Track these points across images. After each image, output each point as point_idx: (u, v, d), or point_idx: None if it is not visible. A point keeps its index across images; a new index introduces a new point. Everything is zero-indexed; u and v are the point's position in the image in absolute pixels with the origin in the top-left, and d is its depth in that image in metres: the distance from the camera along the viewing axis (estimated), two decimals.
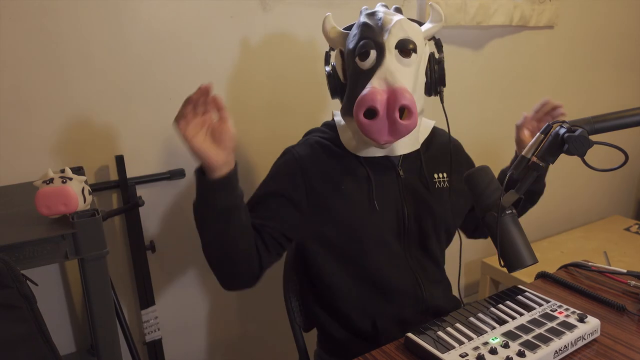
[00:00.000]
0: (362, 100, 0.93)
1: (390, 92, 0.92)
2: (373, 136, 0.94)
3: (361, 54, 0.98)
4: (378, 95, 0.92)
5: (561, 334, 0.84)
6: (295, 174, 1.03)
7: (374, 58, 0.97)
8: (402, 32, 0.98)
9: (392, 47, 0.97)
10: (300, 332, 1.21)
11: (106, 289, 0.94)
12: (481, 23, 1.80)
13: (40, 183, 0.90)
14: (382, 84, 0.94)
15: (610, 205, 2.65)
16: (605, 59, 2.34)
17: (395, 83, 0.93)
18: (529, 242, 0.90)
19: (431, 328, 0.87)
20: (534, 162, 0.88)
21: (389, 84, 0.93)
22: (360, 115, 0.93)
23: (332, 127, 1.11)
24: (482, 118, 1.99)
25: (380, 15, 1.01)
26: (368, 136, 0.95)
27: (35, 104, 1.19)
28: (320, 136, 1.10)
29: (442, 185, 1.11)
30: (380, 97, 0.92)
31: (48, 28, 1.16)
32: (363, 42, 0.98)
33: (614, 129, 0.86)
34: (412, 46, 0.98)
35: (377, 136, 0.94)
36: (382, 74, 0.95)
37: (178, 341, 1.51)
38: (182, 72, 1.34)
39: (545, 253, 2.06)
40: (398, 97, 0.91)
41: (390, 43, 0.97)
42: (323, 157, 1.05)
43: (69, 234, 0.87)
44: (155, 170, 1.36)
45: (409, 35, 0.99)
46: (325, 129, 1.13)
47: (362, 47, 0.98)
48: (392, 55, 0.97)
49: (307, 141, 1.09)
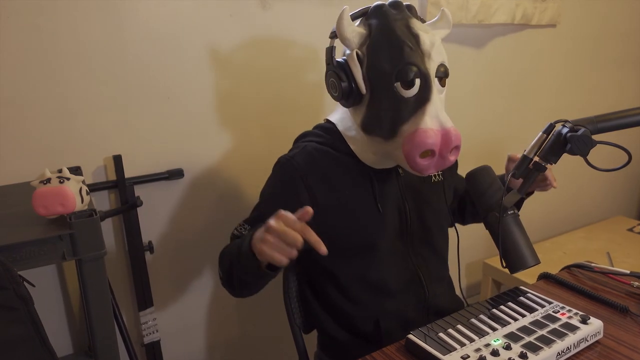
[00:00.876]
0: (422, 143, 0.90)
1: (444, 134, 0.91)
2: (424, 173, 0.95)
3: (406, 82, 0.92)
4: (435, 139, 0.90)
5: (564, 335, 0.84)
6: (298, 186, 1.01)
7: (418, 87, 0.92)
8: (440, 56, 0.95)
9: (434, 76, 0.94)
10: (300, 334, 1.21)
11: (104, 290, 0.94)
12: (483, 21, 1.80)
13: (38, 183, 0.90)
14: (435, 123, 0.91)
15: (614, 206, 2.65)
16: (609, 58, 2.34)
17: (447, 123, 0.92)
18: (531, 243, 0.90)
19: (432, 329, 0.87)
20: (536, 162, 0.88)
21: (441, 124, 0.91)
22: (416, 157, 0.91)
23: (327, 129, 1.09)
24: (483, 118, 1.99)
25: (414, 29, 0.94)
26: (418, 173, 0.95)
27: (32, 103, 1.19)
28: (317, 141, 1.07)
29: (437, 179, 1.13)
30: (437, 140, 0.90)
31: (45, 27, 1.16)
32: (407, 68, 0.91)
33: (617, 129, 0.86)
34: (445, 72, 0.96)
35: (426, 172, 0.95)
36: (433, 111, 0.92)
37: (177, 343, 1.51)
38: (181, 72, 1.34)
39: (547, 254, 2.05)
40: (452, 140, 0.91)
41: (432, 70, 0.93)
42: (323, 163, 1.03)
43: (66, 234, 0.87)
44: (154, 170, 1.36)
45: (444, 59, 0.96)
46: (320, 132, 1.10)
47: (407, 75, 0.91)
48: (435, 86, 0.93)
49: (305, 148, 1.06)
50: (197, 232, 1.47)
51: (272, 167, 1.08)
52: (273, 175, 1.08)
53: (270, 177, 1.08)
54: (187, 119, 1.38)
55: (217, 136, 1.43)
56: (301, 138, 1.12)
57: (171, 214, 1.42)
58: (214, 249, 1.50)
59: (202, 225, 1.47)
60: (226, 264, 0.99)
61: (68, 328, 1.34)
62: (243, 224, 1.07)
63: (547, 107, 2.18)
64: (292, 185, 1.02)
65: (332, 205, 1.02)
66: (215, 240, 1.50)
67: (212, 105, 1.41)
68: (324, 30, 1.52)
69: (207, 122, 1.41)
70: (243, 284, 0.98)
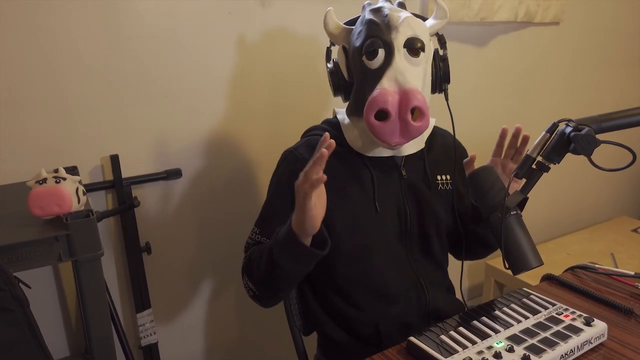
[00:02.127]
0: (373, 102, 0.93)
1: (402, 94, 0.93)
2: (384, 138, 0.95)
3: (369, 53, 0.97)
4: (389, 97, 0.92)
5: (567, 337, 0.84)
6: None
7: (383, 57, 0.97)
8: (410, 30, 0.98)
9: (401, 46, 0.97)
10: (300, 336, 1.21)
11: (101, 291, 0.94)
12: (485, 19, 1.80)
13: (33, 183, 0.90)
14: (393, 84, 0.94)
15: (618, 206, 2.65)
16: (613, 56, 2.34)
17: (407, 84, 0.93)
18: (534, 244, 0.90)
19: (434, 332, 0.87)
20: (539, 162, 0.88)
21: (400, 85, 0.94)
22: (371, 118, 0.93)
23: (333, 124, 1.11)
24: (485, 117, 1.99)
25: (386, 11, 1.00)
26: (379, 138, 0.96)
27: (28, 102, 1.18)
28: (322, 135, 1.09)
29: (444, 187, 1.12)
30: (391, 98, 0.92)
31: (41, 25, 1.16)
32: (370, 40, 0.97)
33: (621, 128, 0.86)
34: (420, 45, 0.98)
35: (389, 138, 0.95)
36: (392, 74, 0.95)
37: (174, 345, 1.51)
38: (179, 70, 1.34)
39: (551, 255, 2.06)
40: (410, 99, 0.92)
41: (399, 42, 0.97)
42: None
43: (62, 235, 0.87)
44: (151, 170, 1.36)
45: (416, 34, 0.98)
46: (326, 126, 1.12)
47: (370, 46, 0.97)
48: (401, 55, 0.97)
49: (309, 141, 1.08)
50: (195, 233, 1.47)
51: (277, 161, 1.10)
52: (278, 167, 1.10)
53: (275, 170, 1.10)
54: (185, 118, 1.38)
55: (215, 135, 1.43)
56: (308, 132, 1.15)
57: (169, 214, 1.42)
58: (213, 249, 1.51)
59: (200, 225, 1.47)
60: (260, 268, 0.97)
61: (64, 330, 1.34)
62: (255, 229, 1.07)
63: (550, 106, 2.18)
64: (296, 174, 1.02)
65: (332, 199, 1.02)
66: (214, 241, 1.50)
67: (211, 104, 1.41)
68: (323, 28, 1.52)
69: (205, 121, 1.41)
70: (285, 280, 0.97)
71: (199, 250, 1.49)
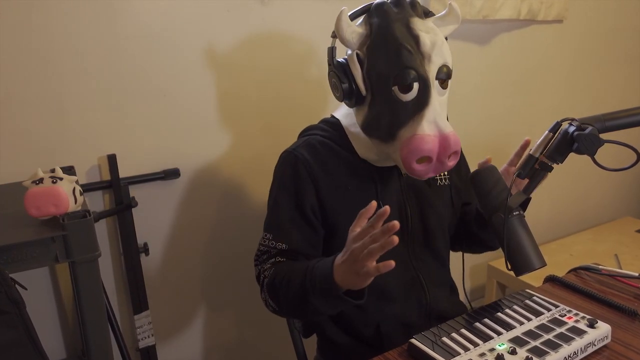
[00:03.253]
0: (418, 150, 0.90)
1: (442, 139, 0.91)
2: (421, 177, 0.96)
3: (403, 87, 0.92)
4: (432, 145, 0.90)
5: (570, 340, 0.84)
6: (302, 175, 1.03)
7: (417, 91, 0.92)
8: (442, 58, 0.94)
9: (434, 78, 0.93)
10: (300, 338, 1.21)
11: (98, 293, 0.94)
12: (487, 17, 1.80)
13: (30, 183, 0.90)
14: (432, 128, 0.91)
15: (622, 206, 2.65)
16: (617, 54, 2.34)
17: (446, 129, 0.91)
18: (537, 245, 0.90)
19: (435, 334, 0.87)
20: (542, 161, 0.88)
21: (440, 129, 0.91)
22: (413, 163, 0.92)
23: (332, 124, 1.10)
24: (488, 116, 1.99)
25: (415, 30, 0.93)
26: (415, 176, 0.96)
27: (24, 101, 1.18)
28: (321, 135, 1.09)
29: (443, 182, 1.12)
30: (434, 146, 0.90)
31: (38, 24, 1.16)
32: (405, 72, 0.91)
33: (625, 127, 0.86)
34: (448, 72, 0.95)
35: (424, 177, 0.96)
36: (431, 116, 0.92)
37: (172, 347, 1.51)
38: (177, 68, 1.34)
39: (554, 256, 2.05)
40: (450, 145, 0.91)
41: (432, 73, 0.93)
42: (326, 157, 1.05)
43: (59, 236, 0.87)
44: (149, 169, 1.36)
45: (446, 60, 0.95)
46: (325, 126, 1.11)
47: (405, 79, 0.91)
48: (435, 90, 0.93)
49: (309, 141, 1.07)
50: (193, 234, 1.47)
51: (276, 162, 1.09)
52: (277, 168, 1.09)
53: (276, 172, 1.09)
54: (183, 117, 1.38)
55: (214, 135, 1.43)
56: (306, 131, 1.14)
57: (167, 214, 1.42)
58: (212, 250, 1.51)
59: (199, 226, 1.47)
60: (288, 297, 0.94)
61: (61, 332, 1.34)
62: (266, 235, 1.05)
63: (553, 105, 2.18)
64: (298, 174, 1.03)
65: (333, 199, 1.03)
66: (213, 242, 1.50)
67: (210, 103, 1.41)
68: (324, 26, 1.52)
69: (204, 120, 1.41)
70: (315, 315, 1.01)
71: (198, 251, 1.49)
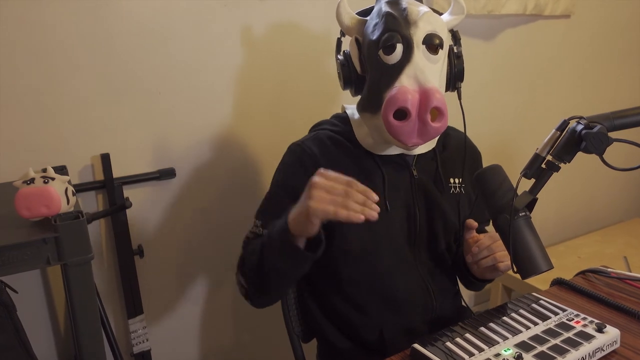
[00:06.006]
0: (393, 100, 0.92)
1: (422, 93, 0.93)
2: (402, 138, 0.95)
3: (386, 48, 0.96)
4: (409, 96, 0.92)
5: (578, 344, 0.84)
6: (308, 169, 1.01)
7: (401, 53, 0.96)
8: (430, 25, 0.98)
9: (420, 42, 0.97)
10: (299, 343, 1.21)
11: (91, 296, 0.94)
12: (493, 12, 1.80)
13: (20, 183, 0.90)
14: (412, 82, 0.94)
15: (631, 207, 2.65)
16: (626, 50, 2.34)
17: (427, 83, 0.93)
18: (543, 247, 0.90)
19: (439, 339, 0.87)
20: (549, 161, 0.88)
21: (420, 83, 0.94)
22: (389, 116, 0.93)
23: (343, 119, 1.11)
24: (493, 114, 1.99)
25: (404, 5, 0.99)
26: (396, 138, 0.96)
27: (15, 99, 1.19)
28: (331, 129, 1.09)
29: (456, 190, 1.12)
30: (411, 97, 0.92)
31: (30, 22, 1.16)
32: (388, 34, 0.96)
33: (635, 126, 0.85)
34: (439, 41, 0.98)
35: (406, 138, 0.95)
36: (412, 71, 0.95)
37: (168, 352, 1.51)
38: (172, 65, 1.34)
39: (561, 258, 2.05)
40: (430, 99, 0.92)
41: (418, 37, 0.96)
42: (335, 153, 1.05)
43: (51, 237, 0.87)
44: (144, 169, 1.37)
45: (436, 30, 0.98)
46: (335, 121, 1.12)
47: (388, 40, 0.96)
48: (420, 51, 0.96)
49: (317, 135, 1.08)
50: (189, 235, 1.47)
51: (275, 162, 1.10)
52: (283, 160, 1.10)
53: (280, 163, 1.10)
54: (179, 116, 1.38)
55: (210, 134, 1.43)
56: (316, 126, 1.15)
57: (162, 216, 1.42)
58: (208, 252, 1.51)
59: (194, 227, 1.47)
60: (252, 262, 0.97)
61: (53, 336, 1.34)
62: (256, 222, 1.06)
63: (560, 103, 2.18)
64: (303, 168, 1.03)
65: None
66: (209, 244, 1.50)
67: (206, 102, 1.41)
68: (324, 21, 1.52)
69: (200, 119, 1.41)
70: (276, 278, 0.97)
71: (193, 253, 1.49)
